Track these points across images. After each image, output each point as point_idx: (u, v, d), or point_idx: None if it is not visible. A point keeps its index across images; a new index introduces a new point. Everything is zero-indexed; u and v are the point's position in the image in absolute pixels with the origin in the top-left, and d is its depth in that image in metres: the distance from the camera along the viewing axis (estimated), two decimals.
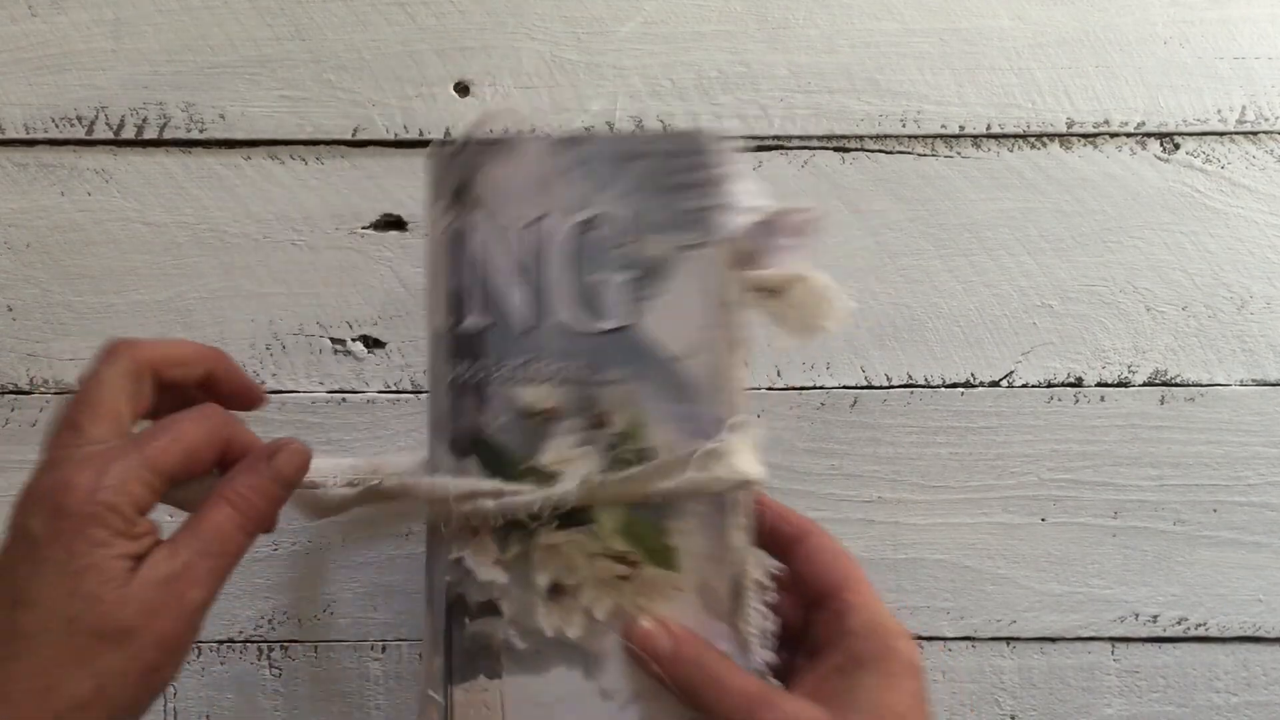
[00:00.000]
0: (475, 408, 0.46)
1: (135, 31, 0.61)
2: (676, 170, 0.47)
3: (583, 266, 0.47)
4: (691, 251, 0.46)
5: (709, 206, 0.46)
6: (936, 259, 0.61)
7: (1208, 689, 0.61)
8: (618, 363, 0.46)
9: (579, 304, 0.47)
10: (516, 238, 0.47)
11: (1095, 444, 0.61)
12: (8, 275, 0.61)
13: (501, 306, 0.47)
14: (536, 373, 0.46)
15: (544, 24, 0.61)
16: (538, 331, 0.46)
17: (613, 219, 0.47)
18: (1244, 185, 0.61)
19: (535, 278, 0.47)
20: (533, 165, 0.47)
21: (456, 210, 0.48)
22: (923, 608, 0.61)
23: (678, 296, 0.46)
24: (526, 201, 0.47)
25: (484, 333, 0.47)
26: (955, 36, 0.61)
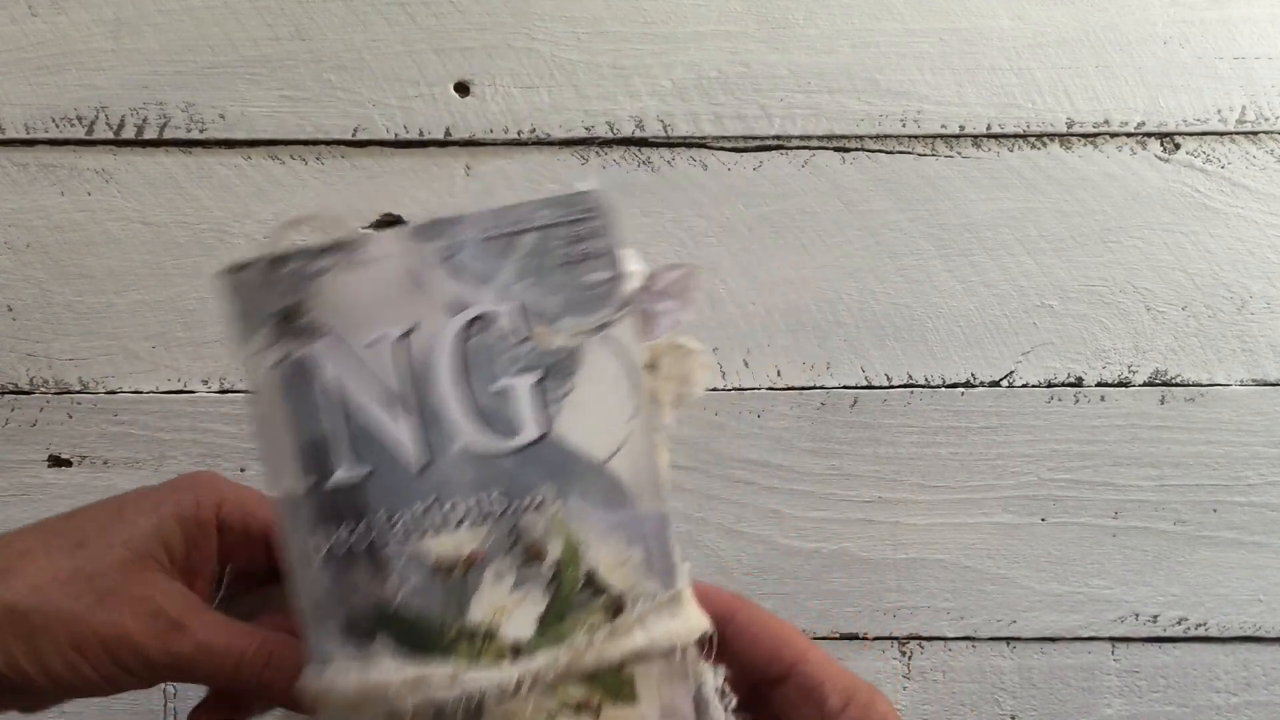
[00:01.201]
0: (371, 577, 0.38)
1: (135, 31, 0.61)
2: (567, 242, 0.39)
3: (476, 378, 0.39)
4: (600, 334, 0.39)
5: (610, 279, 0.40)
6: (936, 259, 0.61)
7: (1208, 689, 0.61)
8: (539, 482, 0.38)
9: (480, 423, 0.39)
10: (378, 364, 0.38)
11: (1095, 444, 0.61)
12: (8, 275, 0.61)
13: (381, 448, 0.38)
14: (444, 517, 0.38)
15: (544, 24, 0.61)
16: (435, 467, 0.38)
17: (503, 314, 0.39)
18: (1244, 185, 0.61)
19: (418, 404, 0.38)
20: (384, 271, 0.39)
21: (286, 343, 0.39)
22: (923, 608, 0.61)
23: (592, 390, 0.39)
24: (384, 317, 0.38)
25: (363, 485, 0.38)
26: (955, 36, 0.61)
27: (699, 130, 0.61)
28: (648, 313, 0.42)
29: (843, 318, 0.61)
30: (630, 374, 0.40)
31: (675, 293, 0.42)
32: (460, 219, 0.39)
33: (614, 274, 0.40)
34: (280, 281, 0.39)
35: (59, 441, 0.61)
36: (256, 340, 0.39)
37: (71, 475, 0.61)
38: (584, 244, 0.40)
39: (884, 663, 0.62)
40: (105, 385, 0.61)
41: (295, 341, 0.39)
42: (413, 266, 0.39)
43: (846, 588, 0.61)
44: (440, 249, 0.39)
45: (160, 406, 0.61)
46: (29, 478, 0.61)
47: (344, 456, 0.38)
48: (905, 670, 0.62)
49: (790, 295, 0.61)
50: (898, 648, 0.62)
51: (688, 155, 0.61)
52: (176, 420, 0.61)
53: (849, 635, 0.61)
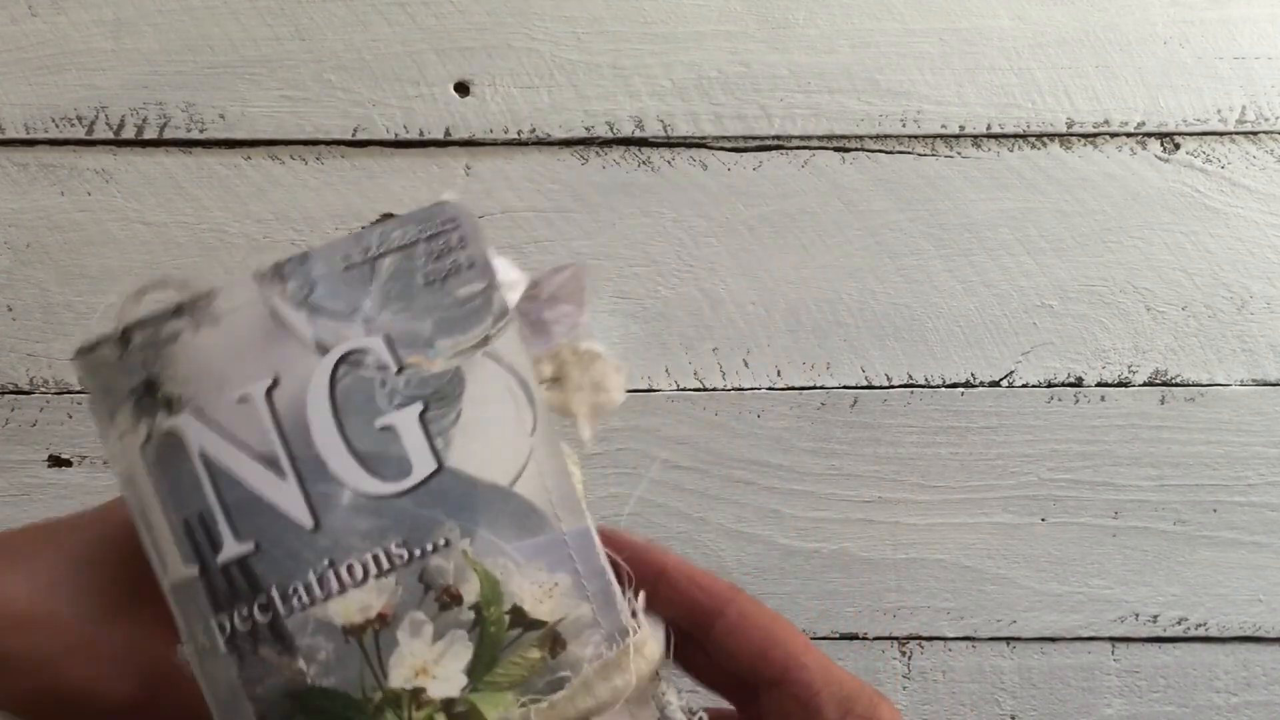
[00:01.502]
0: (278, 656, 0.35)
1: (135, 31, 0.61)
2: (429, 258, 0.37)
3: (353, 421, 0.36)
4: (481, 350, 0.36)
5: (483, 289, 0.37)
6: (936, 259, 0.61)
7: (1208, 689, 0.61)
8: (441, 520, 0.36)
9: (366, 470, 0.36)
10: (248, 423, 0.35)
11: (1095, 444, 0.61)
12: (8, 275, 0.61)
13: (263, 516, 0.35)
14: (343, 578, 0.35)
15: (544, 24, 0.61)
16: (326, 525, 0.35)
17: (372, 348, 0.36)
18: (1244, 185, 0.61)
19: (296, 461, 0.35)
20: (239, 324, 0.36)
21: (146, 422, 0.36)
22: (923, 608, 0.61)
23: (482, 410, 0.36)
24: (246, 373, 0.35)
25: (251, 560, 0.35)
26: (955, 36, 0.61)
27: (699, 130, 0.61)
28: (539, 321, 0.39)
29: (843, 318, 0.61)
30: (521, 387, 0.37)
31: (566, 296, 0.39)
32: (310, 254, 0.36)
33: (486, 284, 0.37)
34: (132, 355, 0.36)
35: (59, 441, 0.61)
36: (119, 423, 0.36)
37: (71, 475, 0.61)
38: (448, 258, 0.37)
39: (884, 663, 0.62)
40: None
41: (157, 417, 0.36)
42: (269, 314, 0.36)
43: (846, 588, 0.61)
44: (294, 290, 0.36)
45: None
46: (29, 478, 0.61)
47: (225, 535, 0.35)
48: (905, 670, 0.62)
49: (790, 295, 0.61)
50: (898, 648, 0.62)
51: (688, 155, 0.61)
52: None
53: (849, 635, 0.61)
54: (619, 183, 0.61)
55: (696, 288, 0.61)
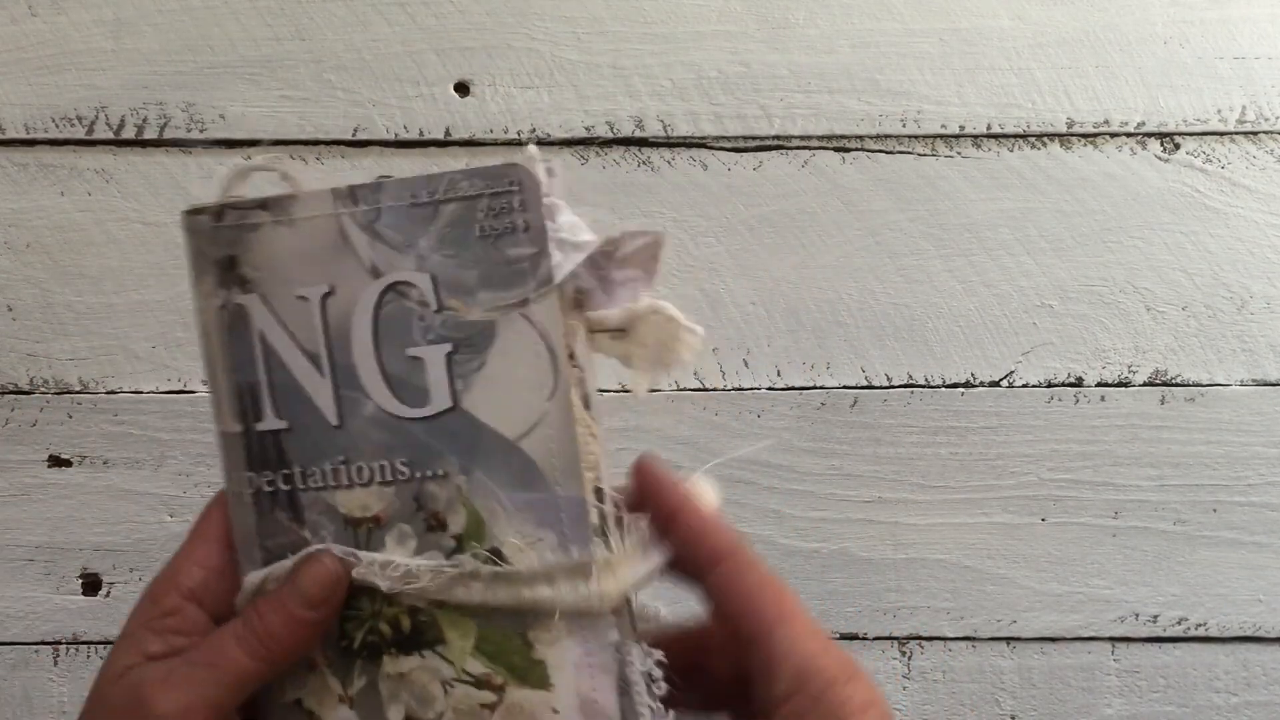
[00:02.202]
0: (289, 521, 0.39)
1: (135, 31, 0.61)
2: (489, 214, 0.38)
3: (388, 345, 0.39)
4: (517, 310, 0.38)
5: (532, 254, 0.38)
6: (936, 259, 0.61)
7: (1208, 689, 0.61)
8: (444, 453, 0.38)
9: (390, 390, 0.39)
10: (302, 320, 0.39)
11: (1095, 444, 0.61)
12: (8, 275, 0.61)
13: (297, 405, 0.39)
14: (352, 475, 0.39)
15: (544, 24, 0.61)
16: (347, 427, 0.39)
17: (419, 284, 0.39)
18: (1244, 185, 0.61)
19: (334, 365, 0.39)
20: (310, 231, 0.39)
21: (224, 291, 0.40)
22: (923, 608, 0.61)
23: (506, 365, 0.38)
24: (308, 276, 0.39)
25: (283, 437, 0.39)
26: (955, 36, 0.61)
27: (699, 130, 0.61)
28: (606, 280, 0.40)
29: (843, 318, 0.61)
30: (549, 351, 0.38)
31: (639, 261, 0.41)
32: (384, 184, 0.39)
33: (537, 250, 0.38)
34: (222, 231, 0.40)
35: (59, 441, 0.61)
36: (205, 283, 0.40)
37: (71, 475, 0.61)
38: (506, 217, 0.38)
39: (884, 663, 0.62)
40: (105, 385, 0.61)
41: (233, 290, 0.40)
42: (334, 231, 0.39)
43: (846, 588, 0.61)
44: (364, 213, 0.39)
45: (160, 406, 0.61)
46: (29, 478, 0.61)
47: (267, 408, 0.39)
48: (905, 670, 0.62)
49: (790, 295, 0.61)
50: (898, 648, 0.62)
51: (688, 155, 0.61)
52: (176, 420, 0.61)
53: (849, 635, 0.61)
54: (619, 183, 0.61)
55: (696, 288, 0.61)
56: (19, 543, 0.61)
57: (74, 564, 0.61)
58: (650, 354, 0.41)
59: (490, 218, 0.38)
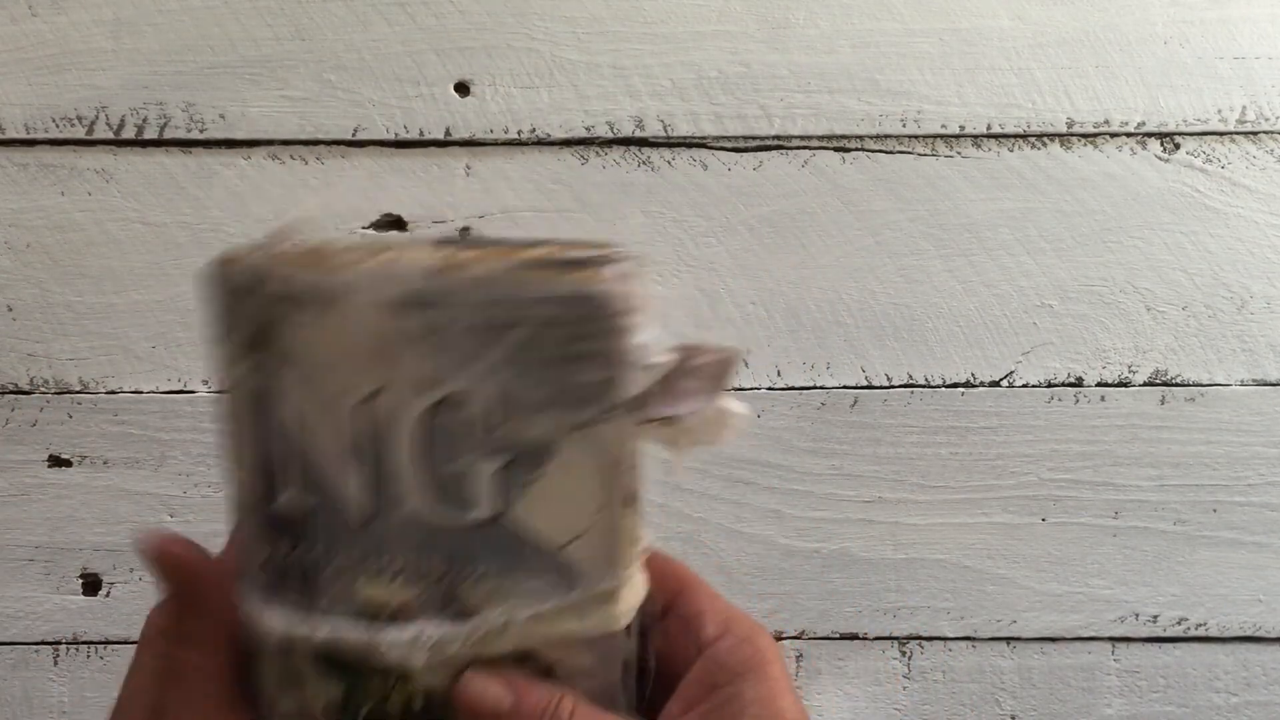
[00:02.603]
0: (299, 597, 0.37)
1: (135, 31, 0.61)
2: (563, 340, 0.36)
3: (437, 454, 0.36)
4: (579, 432, 0.36)
5: (605, 378, 0.36)
6: (936, 259, 0.61)
7: (1208, 689, 0.61)
8: (485, 557, 0.37)
9: (435, 495, 0.37)
10: (345, 414, 0.36)
11: (1095, 444, 0.61)
12: (8, 275, 0.61)
13: (330, 488, 0.37)
14: (380, 566, 0.37)
15: (544, 24, 0.61)
16: (380, 523, 0.36)
17: (477, 399, 0.36)
18: (1244, 185, 0.61)
19: (374, 462, 0.36)
20: (363, 327, 0.36)
21: (255, 360, 0.37)
22: (923, 608, 0.61)
23: (564, 479, 0.37)
24: (355, 371, 0.36)
25: (307, 515, 0.37)
26: (955, 36, 0.61)
27: (699, 130, 0.61)
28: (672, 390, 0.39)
29: (843, 318, 0.61)
30: (606, 471, 0.37)
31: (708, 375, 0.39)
32: (449, 297, 0.36)
33: (609, 376, 0.36)
34: (262, 295, 0.37)
35: (59, 441, 0.61)
36: (232, 343, 0.38)
37: (71, 475, 0.61)
38: (579, 344, 0.36)
39: (884, 663, 0.62)
40: (105, 385, 0.61)
41: (263, 362, 0.37)
42: (389, 334, 0.36)
43: (846, 588, 0.61)
44: (423, 324, 0.36)
45: (160, 406, 0.61)
46: (29, 478, 0.61)
47: (294, 482, 0.37)
48: (905, 670, 0.62)
49: (790, 295, 0.61)
50: (898, 648, 0.62)
51: (688, 155, 0.61)
52: (176, 420, 0.61)
53: (849, 635, 0.61)
54: (619, 183, 0.61)
55: (696, 288, 0.61)
56: (19, 543, 0.61)
57: (74, 564, 0.61)
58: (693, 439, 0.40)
59: (562, 343, 0.36)
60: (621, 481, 0.37)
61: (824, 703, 0.61)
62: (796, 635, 0.61)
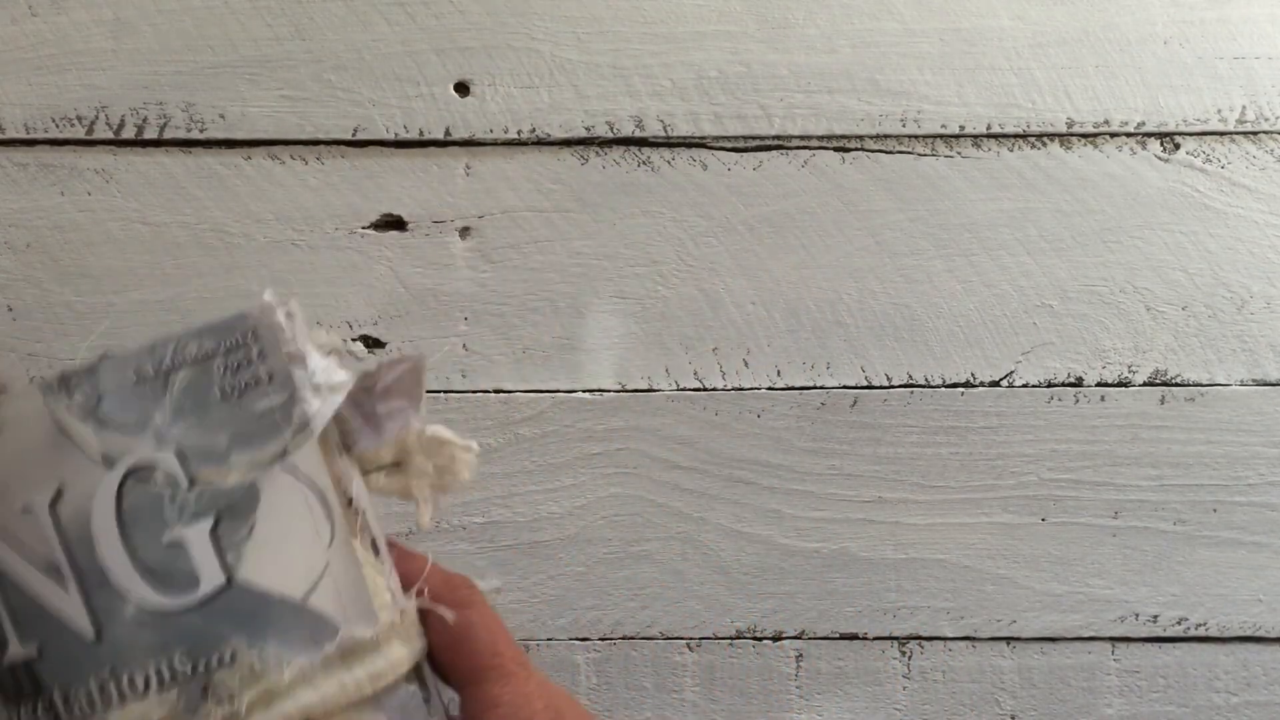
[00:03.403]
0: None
1: (135, 31, 0.61)
2: (226, 372, 0.35)
3: (141, 535, 0.35)
4: (277, 463, 0.35)
5: (282, 402, 0.36)
6: (936, 259, 0.61)
7: (1208, 689, 0.61)
8: (228, 634, 0.35)
9: (153, 582, 0.35)
10: (30, 532, 0.34)
11: (1095, 444, 0.61)
12: (8, 275, 0.61)
13: (47, 622, 0.34)
14: (124, 689, 0.34)
15: (544, 24, 0.61)
16: (109, 635, 0.34)
17: (162, 463, 0.35)
18: (1244, 185, 0.61)
19: (80, 571, 0.34)
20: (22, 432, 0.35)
21: None
22: (923, 608, 0.61)
23: (277, 525, 0.35)
24: (34, 478, 0.34)
25: (34, 663, 0.34)
26: (955, 36, 0.61)
27: (699, 130, 0.61)
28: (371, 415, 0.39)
29: (843, 318, 0.61)
30: (320, 499, 0.36)
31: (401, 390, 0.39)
32: (99, 365, 0.35)
33: (286, 397, 0.36)
34: None
35: None
36: None
37: None
38: (246, 371, 0.36)
39: (884, 663, 0.62)
40: None
41: None
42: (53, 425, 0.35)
43: (846, 588, 0.61)
44: (80, 402, 0.35)
45: None
46: None
47: (11, 636, 0.34)
48: (905, 670, 0.62)
49: (790, 295, 0.61)
50: (898, 648, 0.62)
51: (688, 155, 0.61)
52: None
53: (849, 635, 0.61)
54: (619, 183, 0.61)
55: (696, 288, 0.61)
56: None
57: None
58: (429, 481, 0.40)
59: (229, 375, 0.36)
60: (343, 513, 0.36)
61: (824, 703, 0.61)
62: (796, 635, 0.61)
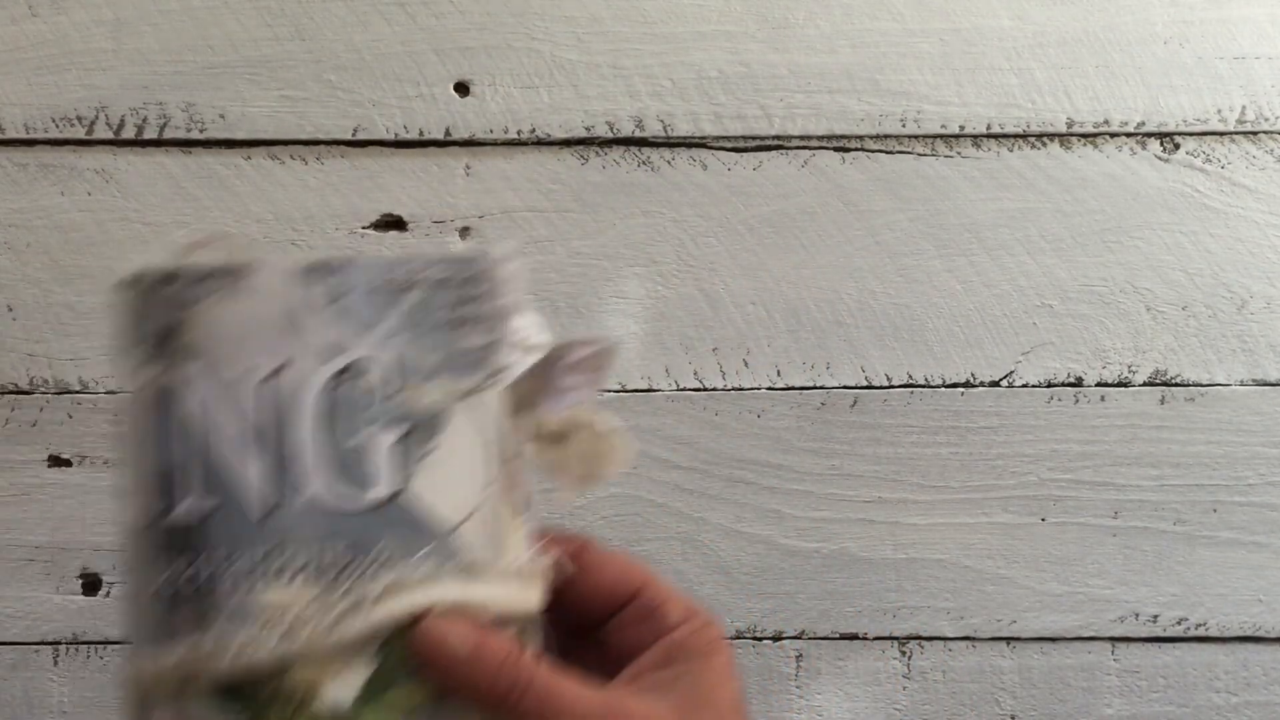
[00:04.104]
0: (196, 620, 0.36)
1: (135, 31, 0.61)
2: (453, 303, 0.39)
3: (339, 427, 0.37)
4: (469, 399, 0.38)
5: (490, 344, 0.39)
6: (936, 259, 0.61)
7: (1208, 689, 0.61)
8: (384, 541, 0.37)
9: (336, 474, 0.37)
10: (249, 395, 0.37)
11: (1095, 444, 0.61)
12: (8, 275, 0.61)
13: (231, 484, 0.37)
14: (282, 565, 0.36)
15: (544, 24, 0.61)
16: (282, 512, 0.36)
17: (376, 366, 0.38)
18: (1244, 185, 0.61)
19: (276, 445, 0.37)
20: (269, 302, 0.38)
21: (161, 363, 0.37)
22: (923, 608, 0.61)
23: (452, 453, 0.38)
24: (262, 348, 0.37)
25: (206, 520, 0.36)
26: (955, 36, 0.61)
27: (699, 130, 0.61)
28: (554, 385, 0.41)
29: (843, 318, 0.61)
30: (489, 444, 0.38)
31: (586, 368, 0.41)
32: (352, 263, 0.38)
33: (493, 340, 0.38)
34: (165, 300, 0.38)
35: (59, 441, 0.61)
36: (135, 356, 0.38)
37: (71, 475, 0.61)
38: (469, 306, 0.39)
39: (884, 663, 0.62)
40: (105, 385, 0.61)
41: (169, 363, 0.38)
42: (295, 304, 0.37)
43: (846, 588, 0.61)
44: (327, 291, 0.38)
45: None
46: (29, 478, 0.61)
47: (193, 489, 0.37)
48: (905, 670, 0.62)
49: (790, 295, 0.61)
50: (898, 648, 0.62)
51: (688, 155, 0.61)
52: None
53: (849, 635, 0.61)
54: (619, 183, 0.61)
55: (696, 288, 0.61)
56: (19, 543, 0.61)
57: (74, 564, 0.61)
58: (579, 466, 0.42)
59: (454, 306, 0.39)
60: (505, 462, 0.38)
61: (824, 703, 0.61)
62: (796, 635, 0.61)
